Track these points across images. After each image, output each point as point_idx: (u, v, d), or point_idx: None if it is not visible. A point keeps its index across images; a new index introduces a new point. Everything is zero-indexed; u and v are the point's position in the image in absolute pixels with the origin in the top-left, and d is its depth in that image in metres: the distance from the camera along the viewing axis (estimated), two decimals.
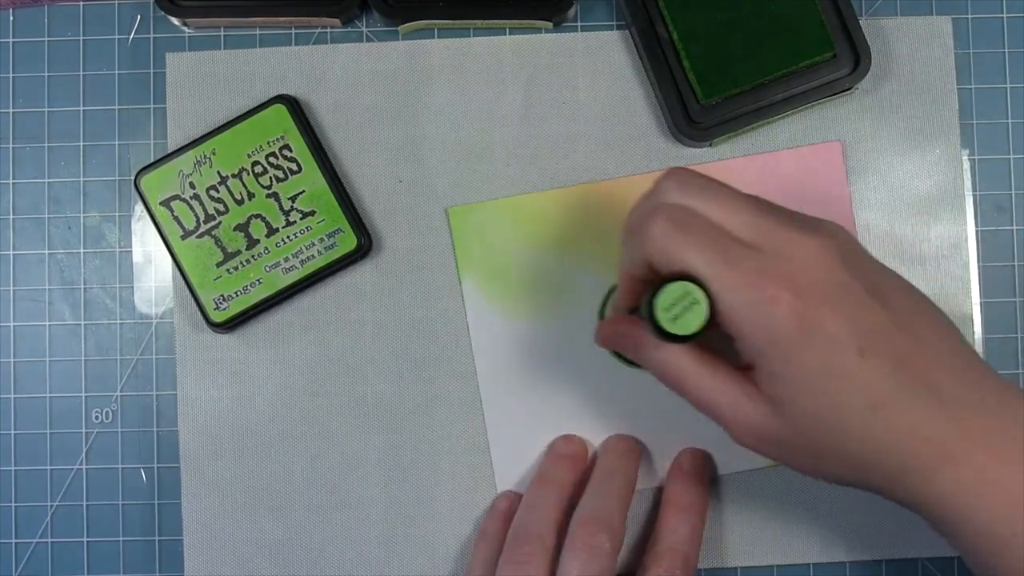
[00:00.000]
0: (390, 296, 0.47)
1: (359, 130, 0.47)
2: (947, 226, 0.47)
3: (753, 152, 0.47)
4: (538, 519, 0.42)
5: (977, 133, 0.47)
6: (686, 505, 0.44)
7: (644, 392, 0.46)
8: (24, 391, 0.47)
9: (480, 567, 0.43)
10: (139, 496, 0.47)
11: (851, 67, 0.45)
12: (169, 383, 0.47)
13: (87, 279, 0.48)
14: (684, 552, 0.42)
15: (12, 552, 0.47)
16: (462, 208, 0.47)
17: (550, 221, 0.47)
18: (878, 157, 0.47)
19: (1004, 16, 0.48)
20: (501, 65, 0.47)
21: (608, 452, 0.45)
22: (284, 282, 0.46)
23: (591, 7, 0.48)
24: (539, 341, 0.46)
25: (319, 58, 0.47)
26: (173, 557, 0.47)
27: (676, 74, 0.45)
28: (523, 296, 0.46)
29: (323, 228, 0.46)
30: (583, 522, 0.41)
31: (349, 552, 0.46)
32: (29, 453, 0.47)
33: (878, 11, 0.47)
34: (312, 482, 0.46)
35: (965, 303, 0.47)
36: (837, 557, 0.46)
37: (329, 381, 0.47)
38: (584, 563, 0.39)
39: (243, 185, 0.46)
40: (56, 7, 0.48)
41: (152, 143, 0.48)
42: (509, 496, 0.46)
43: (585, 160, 0.47)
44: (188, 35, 0.48)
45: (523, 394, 0.46)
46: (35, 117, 0.48)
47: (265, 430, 0.47)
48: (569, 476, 0.44)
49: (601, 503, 0.42)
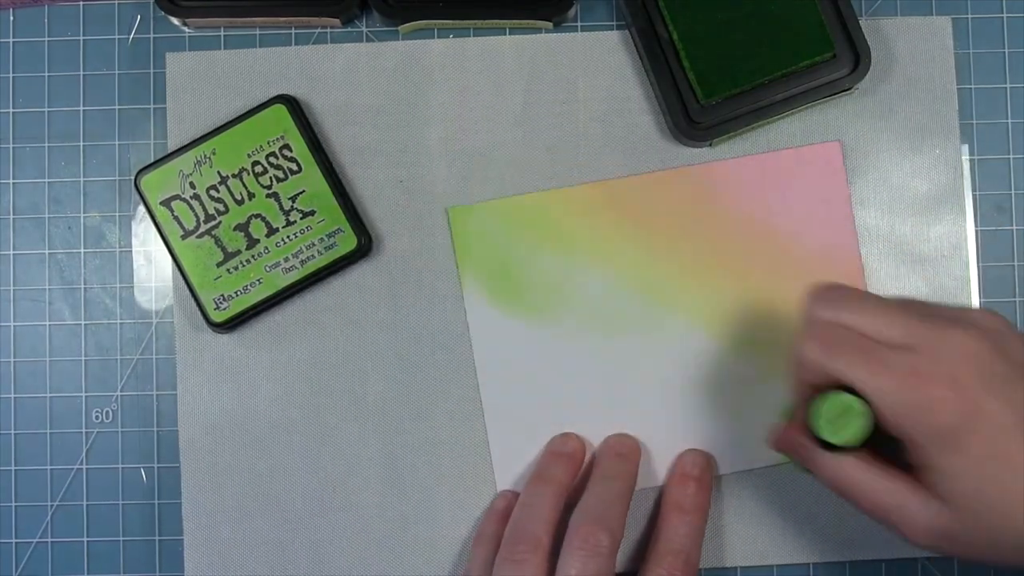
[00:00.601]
0: (390, 296, 0.47)
1: (359, 130, 0.47)
2: (947, 226, 0.47)
3: (753, 152, 0.47)
4: (535, 518, 0.42)
5: (977, 133, 0.47)
6: (689, 507, 0.44)
7: (644, 392, 0.46)
8: (24, 391, 0.47)
9: (479, 568, 0.43)
10: (139, 496, 0.47)
11: (851, 67, 0.45)
12: (169, 383, 0.47)
13: (87, 279, 0.48)
14: (686, 552, 0.42)
15: (12, 552, 0.47)
16: (462, 208, 0.47)
17: (550, 221, 0.47)
18: (878, 157, 0.47)
19: (1004, 16, 0.48)
20: (501, 65, 0.47)
21: (608, 452, 0.45)
22: (284, 282, 0.46)
23: (591, 7, 0.48)
24: (539, 341, 0.46)
25: (319, 58, 0.47)
26: (173, 557, 0.47)
27: (676, 74, 0.45)
28: (523, 296, 0.46)
29: (323, 228, 0.46)
30: (582, 521, 0.41)
31: (349, 552, 0.46)
32: (29, 453, 0.47)
33: (878, 11, 0.48)
34: (312, 482, 0.46)
35: (965, 303, 0.47)
36: (837, 557, 0.46)
37: (329, 381, 0.47)
38: (583, 562, 0.39)
39: (243, 185, 0.46)
40: (56, 7, 0.48)
41: (152, 143, 0.48)
42: (507, 496, 0.46)
43: (585, 160, 0.47)
44: (188, 35, 0.48)
45: (523, 394, 0.46)
46: (35, 117, 0.48)
47: (265, 430, 0.47)
48: (566, 475, 0.44)
49: (600, 502, 0.42)
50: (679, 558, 0.42)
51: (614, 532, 0.41)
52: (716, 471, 0.46)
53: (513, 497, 0.45)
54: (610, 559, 0.40)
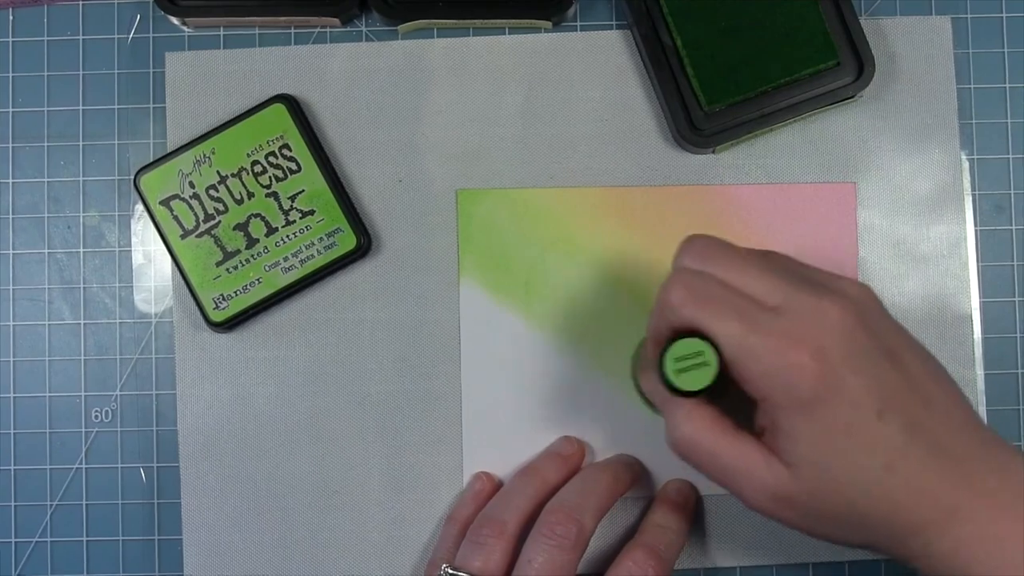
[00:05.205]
0: (390, 296, 0.47)
1: (359, 130, 0.47)
2: (947, 226, 0.47)
3: (754, 158, 0.47)
4: (508, 506, 0.42)
5: (977, 133, 0.47)
6: (675, 502, 0.44)
7: (628, 402, 0.46)
8: (24, 391, 0.47)
9: (445, 548, 0.43)
10: (139, 496, 0.47)
11: (855, 75, 0.45)
12: (169, 383, 0.47)
13: (87, 279, 0.48)
14: (660, 547, 0.42)
15: (12, 552, 0.47)
16: (471, 192, 0.47)
17: (558, 219, 0.47)
18: (878, 157, 0.47)
19: (1004, 16, 0.48)
20: (501, 65, 0.47)
21: (608, 459, 0.45)
22: (284, 281, 0.46)
23: (591, 7, 0.48)
24: (528, 335, 0.46)
25: (319, 58, 0.47)
26: (173, 557, 0.47)
27: (679, 81, 0.45)
28: (520, 289, 0.46)
29: (323, 227, 0.46)
30: (552, 510, 0.41)
31: (349, 552, 0.46)
32: (29, 453, 0.47)
33: (877, 11, 0.47)
34: (312, 482, 0.46)
35: (965, 303, 0.47)
36: (837, 557, 0.46)
37: (329, 381, 0.47)
38: (547, 553, 0.39)
39: (242, 184, 0.46)
40: (56, 7, 0.48)
41: (152, 143, 0.48)
42: (481, 478, 0.46)
43: (585, 160, 0.47)
44: (188, 35, 0.48)
45: (503, 385, 0.46)
46: (35, 117, 0.48)
47: (265, 429, 0.47)
48: (555, 473, 0.44)
49: (577, 493, 0.42)
50: (652, 553, 0.41)
51: (583, 527, 0.40)
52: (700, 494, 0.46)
53: (488, 479, 0.45)
54: (574, 553, 0.40)
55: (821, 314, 0.34)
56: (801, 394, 0.34)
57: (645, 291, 0.46)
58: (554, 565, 0.39)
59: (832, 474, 0.34)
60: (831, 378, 0.33)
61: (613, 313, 0.46)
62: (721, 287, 0.35)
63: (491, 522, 0.41)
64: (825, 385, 0.33)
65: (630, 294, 0.46)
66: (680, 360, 0.35)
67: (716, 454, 0.36)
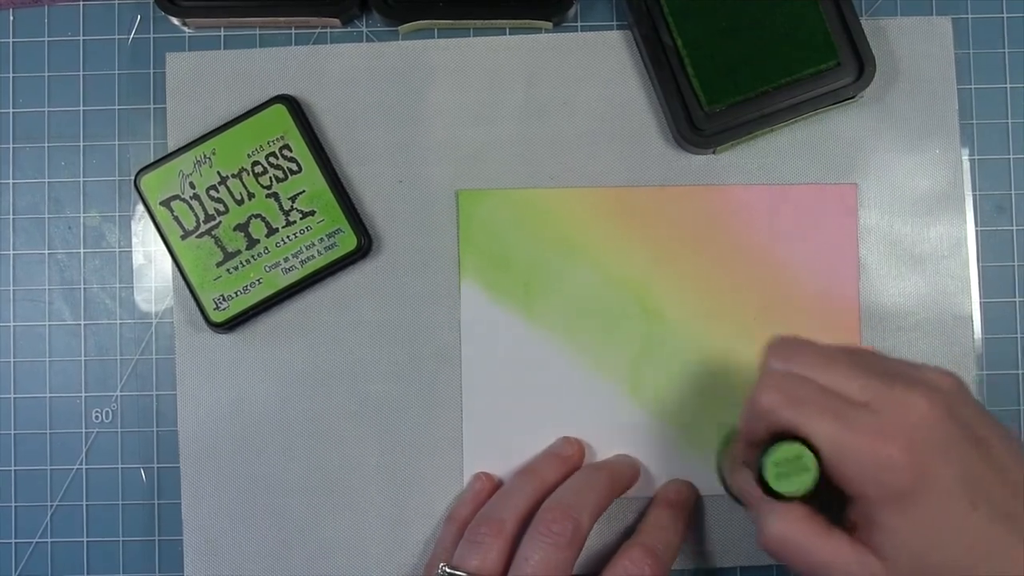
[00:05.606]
0: (390, 296, 0.47)
1: (359, 130, 0.47)
2: (947, 226, 0.47)
3: (755, 158, 0.47)
4: (506, 505, 0.42)
5: (977, 133, 0.47)
6: (674, 502, 0.44)
7: (628, 403, 0.46)
8: (24, 391, 0.47)
9: (444, 547, 0.43)
10: (139, 496, 0.47)
11: (855, 75, 0.45)
12: (169, 383, 0.47)
13: (87, 279, 0.48)
14: (659, 547, 0.42)
15: (12, 552, 0.47)
16: (472, 193, 0.47)
17: (558, 219, 0.47)
18: (878, 157, 0.47)
19: (1004, 16, 0.48)
20: (501, 65, 0.47)
21: (607, 460, 0.45)
22: (284, 282, 0.46)
23: (591, 7, 0.48)
24: (528, 336, 0.46)
25: (319, 58, 0.47)
26: (173, 557, 0.47)
27: (680, 81, 0.45)
28: (520, 289, 0.46)
29: (323, 228, 0.46)
30: (549, 508, 0.41)
31: (349, 553, 0.46)
32: (29, 453, 0.47)
33: (878, 11, 0.47)
34: (312, 482, 0.46)
35: (965, 303, 0.47)
36: None
37: (329, 381, 0.47)
38: (544, 551, 0.39)
39: (243, 185, 0.46)
40: (56, 7, 0.48)
41: (152, 143, 0.48)
42: (481, 478, 0.46)
43: (585, 160, 0.47)
44: (188, 35, 0.48)
45: (504, 385, 0.46)
46: (35, 117, 0.48)
47: (264, 429, 0.47)
48: (554, 473, 0.44)
49: (573, 492, 0.42)
50: (650, 552, 0.41)
51: (580, 526, 0.40)
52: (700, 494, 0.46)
53: (488, 479, 0.45)
54: (571, 551, 0.40)
55: (910, 408, 0.34)
56: (895, 489, 0.34)
57: (645, 291, 0.46)
58: (550, 563, 0.39)
59: (928, 566, 0.34)
60: (923, 471, 0.34)
61: (613, 313, 0.46)
62: (812, 387, 0.36)
63: (489, 521, 0.41)
64: (918, 479, 0.34)
65: (630, 294, 0.46)
66: (779, 464, 0.35)
67: (811, 552, 0.36)
